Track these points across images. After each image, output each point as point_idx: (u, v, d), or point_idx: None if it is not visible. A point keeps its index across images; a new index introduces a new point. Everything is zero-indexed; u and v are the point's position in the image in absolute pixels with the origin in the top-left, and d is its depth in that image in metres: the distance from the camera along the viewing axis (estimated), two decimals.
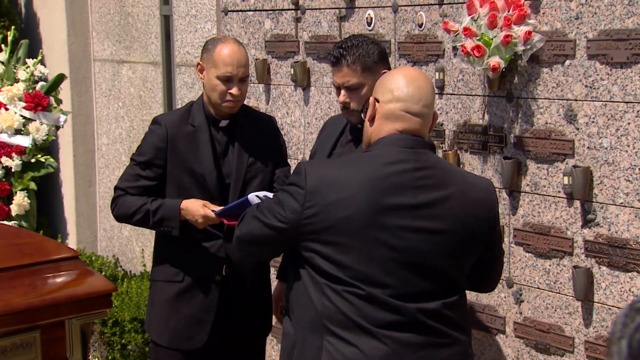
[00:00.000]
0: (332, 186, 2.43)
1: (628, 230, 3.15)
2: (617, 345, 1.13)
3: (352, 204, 2.41)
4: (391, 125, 2.51)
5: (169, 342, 3.44)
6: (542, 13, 3.38)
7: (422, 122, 2.53)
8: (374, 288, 2.42)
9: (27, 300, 3.21)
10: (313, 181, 2.45)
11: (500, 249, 2.72)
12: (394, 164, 2.45)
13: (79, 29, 6.33)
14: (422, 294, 2.46)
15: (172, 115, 3.52)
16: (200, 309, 3.40)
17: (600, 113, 3.21)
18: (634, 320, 1.13)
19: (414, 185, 2.44)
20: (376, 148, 2.52)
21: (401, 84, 2.52)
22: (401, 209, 2.43)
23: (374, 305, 2.42)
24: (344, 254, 2.42)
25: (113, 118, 6.21)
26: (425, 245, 2.45)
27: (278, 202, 2.52)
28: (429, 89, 2.56)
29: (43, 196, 6.28)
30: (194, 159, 3.38)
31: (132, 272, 6.08)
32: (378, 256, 2.42)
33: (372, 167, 2.46)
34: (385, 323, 2.42)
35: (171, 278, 3.43)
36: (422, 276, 2.45)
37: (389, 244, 2.42)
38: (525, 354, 3.55)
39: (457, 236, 2.49)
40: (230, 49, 3.33)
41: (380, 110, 2.53)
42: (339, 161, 2.71)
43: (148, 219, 3.36)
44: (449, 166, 2.61)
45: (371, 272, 2.42)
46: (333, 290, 2.43)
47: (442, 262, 2.48)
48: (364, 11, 4.12)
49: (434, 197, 2.46)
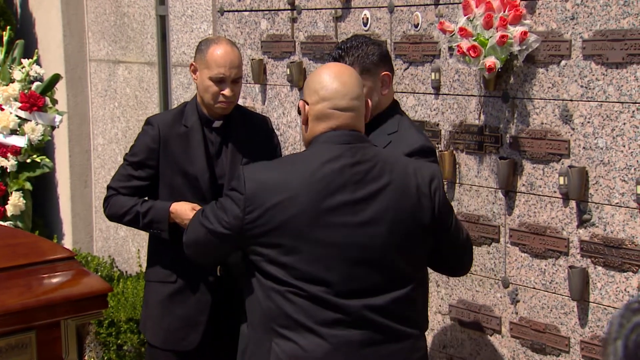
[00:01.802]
0: (272, 189, 2.45)
1: (623, 230, 3.15)
2: (613, 346, 1.14)
3: (292, 205, 2.43)
4: (324, 124, 2.52)
5: (163, 342, 3.44)
6: (537, 13, 3.39)
7: (354, 115, 2.53)
8: (318, 287, 2.43)
9: (22, 300, 3.20)
10: (251, 185, 2.46)
11: (458, 235, 2.68)
12: (331, 162, 2.46)
13: (74, 29, 6.32)
14: (369, 290, 2.46)
15: (165, 116, 3.52)
16: (194, 310, 3.40)
17: (596, 113, 3.22)
18: (629, 321, 1.14)
19: (353, 180, 2.45)
20: (312, 147, 2.53)
21: (325, 83, 2.53)
22: (342, 206, 2.44)
23: (318, 304, 2.43)
24: (287, 255, 2.44)
25: (109, 118, 6.21)
26: (369, 240, 2.45)
27: (221, 207, 2.54)
28: (354, 81, 2.56)
29: (39, 196, 6.27)
30: (186, 159, 3.37)
31: (128, 272, 6.08)
32: (322, 255, 2.43)
33: (310, 166, 2.47)
34: (329, 321, 2.43)
35: (165, 279, 3.42)
36: (368, 272, 2.46)
37: (332, 242, 2.43)
38: (521, 354, 3.56)
39: (400, 227, 2.48)
40: (223, 50, 3.32)
41: (311, 112, 2.54)
42: (277, 163, 2.71)
43: (138, 220, 3.36)
44: (389, 157, 2.58)
45: (315, 271, 2.43)
46: (277, 292, 2.45)
47: (388, 256, 2.48)
48: (360, 11, 4.12)
49: (372, 190, 2.46)
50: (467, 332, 3.78)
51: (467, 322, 3.77)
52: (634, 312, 1.14)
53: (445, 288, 3.86)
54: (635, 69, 3.09)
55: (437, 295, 3.88)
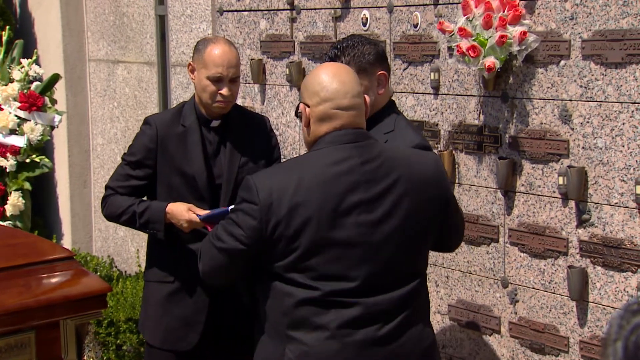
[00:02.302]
0: (285, 195, 2.43)
1: (623, 230, 3.15)
2: (613, 347, 1.14)
3: (307, 208, 2.42)
4: (328, 125, 2.52)
5: (161, 342, 3.44)
6: (537, 13, 3.39)
7: (356, 113, 2.53)
8: (336, 287, 2.43)
9: (21, 300, 3.20)
10: (265, 194, 2.44)
11: (457, 216, 2.73)
12: (340, 162, 2.46)
13: (74, 29, 6.32)
14: (386, 286, 2.48)
15: (163, 116, 3.52)
16: (192, 310, 3.40)
17: (595, 113, 3.22)
18: (629, 322, 1.14)
19: (364, 179, 2.46)
20: (318, 148, 2.52)
21: (325, 83, 2.52)
22: (356, 205, 2.44)
23: (334, 304, 2.44)
24: (306, 258, 2.43)
25: (108, 118, 6.21)
26: (384, 237, 2.46)
27: (233, 223, 2.50)
28: (352, 78, 2.56)
29: (38, 196, 6.27)
30: (184, 159, 3.37)
31: (127, 272, 6.08)
32: (340, 255, 2.43)
33: (319, 168, 2.47)
34: (346, 320, 2.44)
35: (163, 279, 3.42)
36: (384, 268, 2.47)
37: (349, 242, 2.44)
38: (520, 354, 3.56)
39: (414, 221, 2.50)
40: (221, 50, 3.32)
41: (313, 114, 2.53)
42: (285, 167, 2.68)
43: (135, 220, 3.36)
44: (392, 152, 2.60)
45: (334, 271, 2.43)
46: (293, 296, 2.45)
47: (401, 250, 2.50)
48: (359, 11, 4.12)
49: (384, 186, 2.47)
50: (466, 332, 3.78)
51: (467, 322, 3.77)
52: (634, 313, 1.15)
53: (444, 288, 3.86)
54: (634, 69, 3.09)
55: (436, 295, 3.88)
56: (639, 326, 1.13)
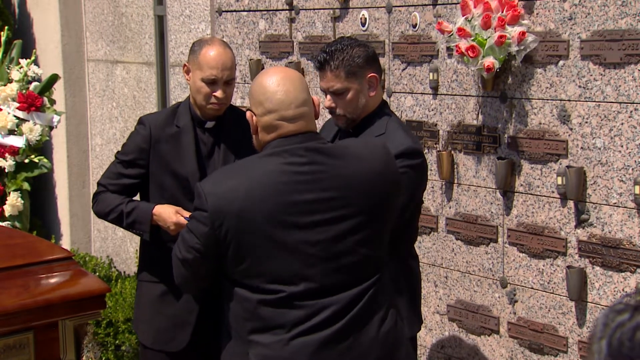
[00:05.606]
0: (233, 198, 2.42)
1: (621, 230, 3.15)
2: (598, 345, 1.20)
3: (256, 212, 2.41)
4: (273, 134, 2.50)
5: (153, 342, 3.44)
6: (535, 14, 3.39)
7: (302, 122, 2.50)
8: (293, 288, 2.43)
9: (20, 301, 3.20)
10: (213, 200, 2.43)
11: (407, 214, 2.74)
12: (289, 165, 2.45)
13: (72, 29, 6.32)
14: (344, 284, 2.46)
15: (158, 116, 3.51)
16: (183, 310, 3.39)
17: (594, 113, 3.22)
18: (614, 321, 1.19)
19: (311, 179, 2.44)
20: (266, 152, 2.51)
21: (268, 94, 2.48)
22: (307, 206, 2.43)
23: (291, 305, 2.43)
24: (260, 261, 2.43)
25: (107, 118, 6.21)
26: (338, 235, 2.45)
27: (190, 231, 2.51)
28: (297, 86, 2.51)
29: (36, 197, 6.27)
30: (177, 160, 3.36)
31: (126, 272, 6.08)
32: (295, 256, 2.43)
33: (266, 170, 2.45)
34: (303, 320, 2.43)
35: (155, 279, 3.42)
36: (341, 266, 2.46)
37: (301, 243, 2.42)
38: (519, 354, 3.56)
39: (369, 216, 2.48)
40: (216, 52, 3.31)
41: (259, 123, 2.52)
42: (231, 170, 2.64)
43: (122, 219, 3.37)
44: (340, 149, 2.57)
45: (289, 273, 2.42)
46: (251, 301, 2.45)
47: (358, 247, 2.47)
48: (358, 11, 4.12)
49: (334, 185, 2.45)
50: (465, 332, 3.78)
51: (465, 322, 3.77)
52: (618, 312, 1.20)
53: (443, 288, 3.86)
54: (633, 69, 3.09)
55: (435, 295, 3.88)
56: (622, 324, 1.18)
